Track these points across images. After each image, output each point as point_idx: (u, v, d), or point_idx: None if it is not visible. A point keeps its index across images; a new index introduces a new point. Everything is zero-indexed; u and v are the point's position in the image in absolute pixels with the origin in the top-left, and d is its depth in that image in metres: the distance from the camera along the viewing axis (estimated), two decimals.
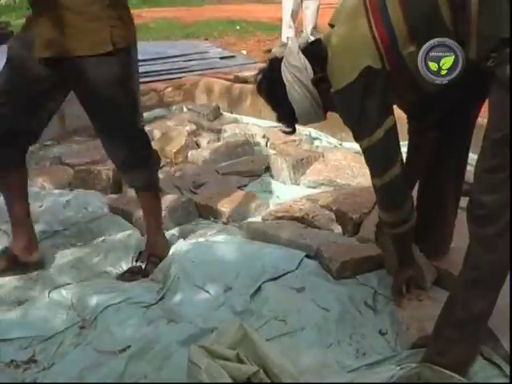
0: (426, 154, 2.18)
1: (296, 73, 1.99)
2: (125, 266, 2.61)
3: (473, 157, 1.84)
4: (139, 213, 2.92)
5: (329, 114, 2.12)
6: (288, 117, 2.10)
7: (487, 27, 1.62)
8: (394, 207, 2.02)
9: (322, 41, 2.03)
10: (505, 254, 1.71)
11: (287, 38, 5.66)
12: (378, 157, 1.96)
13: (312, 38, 2.54)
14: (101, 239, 2.83)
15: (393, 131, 1.92)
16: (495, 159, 1.66)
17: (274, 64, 2.07)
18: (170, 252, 2.63)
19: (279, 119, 2.15)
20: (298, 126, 2.12)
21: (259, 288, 2.32)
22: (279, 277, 2.37)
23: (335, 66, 1.93)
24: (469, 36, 1.66)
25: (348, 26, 1.91)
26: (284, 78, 2.01)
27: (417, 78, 1.80)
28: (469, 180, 1.95)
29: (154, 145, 4.01)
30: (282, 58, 2.04)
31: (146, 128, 4.52)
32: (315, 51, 2.00)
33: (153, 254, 2.62)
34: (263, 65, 2.18)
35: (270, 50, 1.86)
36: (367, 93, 1.86)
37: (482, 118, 1.76)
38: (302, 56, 2.00)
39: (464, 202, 1.83)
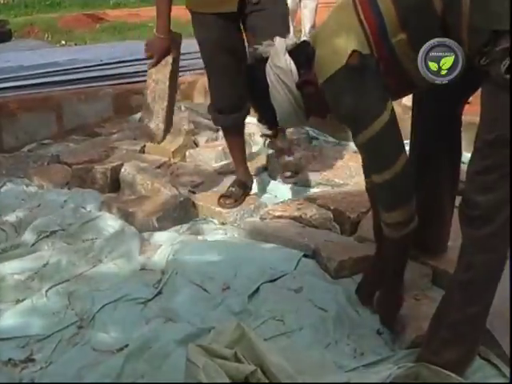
0: None
1: (280, 74, 1.91)
2: (123, 264, 2.60)
3: (466, 155, 1.83)
4: (135, 210, 2.94)
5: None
6: (269, 118, 2.03)
7: (479, 19, 1.59)
8: (406, 201, 1.89)
9: (309, 43, 1.95)
10: (499, 254, 1.71)
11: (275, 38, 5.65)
12: (388, 144, 1.85)
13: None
14: (98, 238, 2.82)
15: (394, 115, 1.85)
16: (488, 160, 1.64)
17: (259, 63, 1.98)
18: (168, 249, 2.63)
19: (260, 120, 2.10)
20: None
21: (257, 289, 2.32)
22: (277, 278, 2.38)
23: (322, 56, 1.86)
24: (460, 28, 1.64)
25: (335, 18, 1.89)
26: (268, 79, 1.94)
27: (407, 69, 1.78)
28: (463, 179, 1.94)
29: (152, 144, 4.03)
30: (268, 57, 1.96)
31: None
32: (302, 53, 1.93)
33: (238, 179, 3.12)
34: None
35: (257, 48, 1.89)
36: (359, 79, 1.80)
37: (475, 117, 1.74)
38: (288, 57, 1.92)
39: (459, 200, 1.82)
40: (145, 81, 3.48)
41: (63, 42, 8.56)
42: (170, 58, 2.75)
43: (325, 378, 1.81)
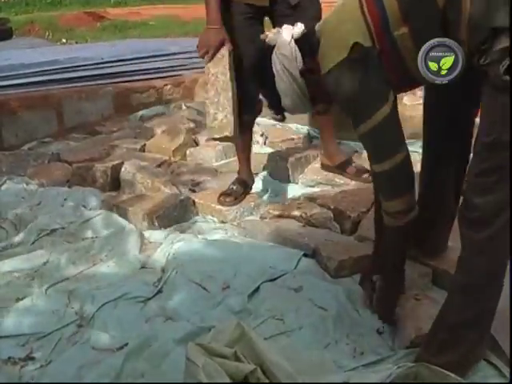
0: None
1: (285, 62, 1.94)
2: (123, 263, 2.60)
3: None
4: (135, 209, 2.94)
5: None
6: (275, 104, 2.07)
7: (478, 16, 1.58)
8: (405, 191, 1.92)
9: (315, 32, 1.97)
10: (498, 257, 1.70)
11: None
12: (389, 135, 1.87)
13: None
14: (98, 236, 2.83)
15: (396, 108, 1.87)
16: (487, 162, 1.64)
17: (267, 51, 2.00)
18: (168, 248, 2.64)
19: (268, 106, 2.13)
20: (297, 125, 2.10)
21: (257, 288, 2.32)
22: (277, 277, 2.38)
23: (325, 47, 1.89)
24: (460, 25, 1.64)
25: (339, 11, 1.90)
26: (273, 67, 1.97)
27: (409, 67, 1.78)
28: None
29: (153, 142, 4.04)
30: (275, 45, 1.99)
31: (145, 125, 4.55)
32: (308, 42, 1.95)
33: (239, 178, 3.15)
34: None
35: (266, 35, 1.91)
36: (361, 71, 1.81)
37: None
38: (294, 46, 1.94)
39: None
40: (145, 79, 3.50)
41: (64, 41, 8.56)
42: (224, 50, 2.70)
43: (324, 378, 1.81)
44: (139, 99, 5.10)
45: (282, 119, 2.19)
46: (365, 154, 2.14)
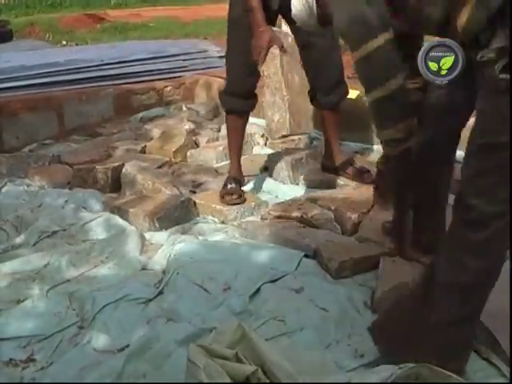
0: None
1: None
2: (124, 264, 2.61)
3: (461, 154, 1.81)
4: (136, 210, 2.94)
5: None
6: (288, 15, 2.19)
7: (479, 9, 1.57)
8: (401, 119, 1.89)
9: None
10: (494, 259, 1.69)
11: None
12: (384, 63, 1.85)
13: None
14: (99, 238, 2.83)
15: (394, 41, 1.84)
16: (482, 164, 1.63)
17: None
18: (169, 250, 2.64)
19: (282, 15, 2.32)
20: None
21: (258, 289, 2.33)
22: (278, 278, 2.38)
23: None
24: (461, 6, 1.62)
25: None
26: None
27: (410, 15, 1.78)
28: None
29: (153, 144, 4.04)
30: None
31: (146, 126, 4.56)
32: None
33: (233, 176, 3.16)
34: None
35: None
36: None
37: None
38: None
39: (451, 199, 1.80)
40: (145, 81, 3.48)
41: (64, 42, 8.57)
42: (275, 49, 2.68)
43: (325, 378, 1.81)
44: (140, 101, 5.11)
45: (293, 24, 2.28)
46: (365, 155, 2.16)
